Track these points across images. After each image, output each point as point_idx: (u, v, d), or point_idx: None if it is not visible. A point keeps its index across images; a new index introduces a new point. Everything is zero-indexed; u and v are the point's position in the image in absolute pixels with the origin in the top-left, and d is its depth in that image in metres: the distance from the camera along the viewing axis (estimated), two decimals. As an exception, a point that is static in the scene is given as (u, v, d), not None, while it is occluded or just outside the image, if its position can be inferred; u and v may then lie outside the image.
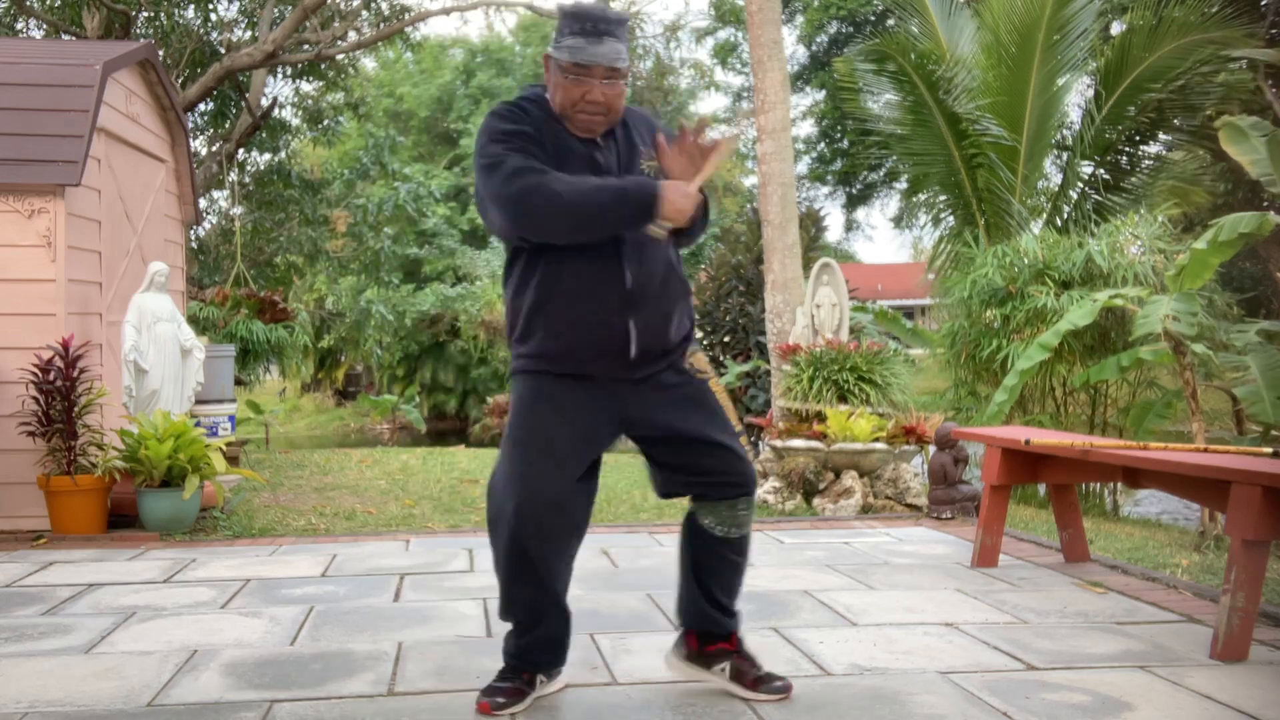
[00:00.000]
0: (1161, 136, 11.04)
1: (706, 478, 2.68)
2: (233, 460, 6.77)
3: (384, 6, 13.87)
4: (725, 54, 31.59)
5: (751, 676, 2.75)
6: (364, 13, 13.59)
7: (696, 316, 2.63)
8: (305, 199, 13.93)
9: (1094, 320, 7.61)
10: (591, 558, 4.64)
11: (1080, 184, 10.86)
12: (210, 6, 13.14)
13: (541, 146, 2.53)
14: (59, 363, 5.24)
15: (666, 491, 2.76)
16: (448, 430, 23.45)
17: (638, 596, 3.89)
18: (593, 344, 2.57)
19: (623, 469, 8.46)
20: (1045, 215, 10.76)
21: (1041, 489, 7.72)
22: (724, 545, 2.71)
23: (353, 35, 13.29)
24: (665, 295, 2.64)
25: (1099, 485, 8.43)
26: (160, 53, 9.41)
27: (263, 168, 14.98)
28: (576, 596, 3.87)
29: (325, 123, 16.08)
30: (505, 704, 2.65)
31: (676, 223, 2.47)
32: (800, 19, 29.69)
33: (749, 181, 30.28)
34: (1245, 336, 7.77)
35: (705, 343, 11.72)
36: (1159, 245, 8.42)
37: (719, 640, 2.78)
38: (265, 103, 13.09)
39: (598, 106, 2.51)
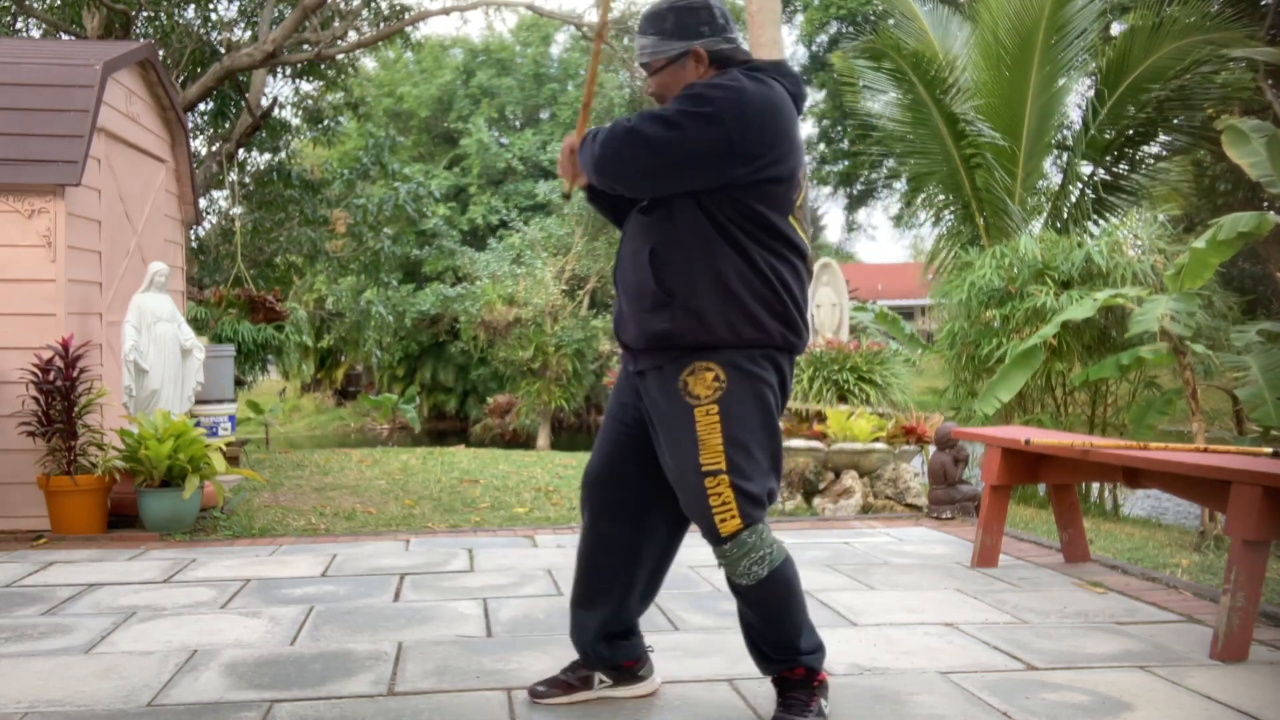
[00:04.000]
0: (1161, 137, 11.04)
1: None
2: (233, 460, 6.78)
3: (384, 6, 13.86)
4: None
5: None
6: (364, 12, 13.58)
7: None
8: (305, 199, 13.90)
9: (1093, 318, 7.60)
10: (591, 558, 4.64)
11: (1080, 184, 10.86)
12: (210, 6, 13.12)
13: None
14: (59, 363, 5.24)
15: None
16: (447, 430, 23.47)
17: (638, 596, 3.88)
18: None
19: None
20: (1045, 215, 10.76)
21: (1041, 489, 7.72)
22: (732, 589, 2.46)
23: (353, 35, 13.28)
24: (627, 286, 2.49)
25: (1099, 485, 8.43)
26: (160, 53, 9.41)
27: (263, 168, 14.96)
28: (576, 596, 3.89)
29: (325, 123, 16.07)
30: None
31: (564, 176, 2.58)
32: (800, 19, 29.72)
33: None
34: (1245, 336, 7.78)
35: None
36: (1159, 245, 8.43)
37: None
38: (265, 103, 13.08)
39: (654, 99, 2.53)
